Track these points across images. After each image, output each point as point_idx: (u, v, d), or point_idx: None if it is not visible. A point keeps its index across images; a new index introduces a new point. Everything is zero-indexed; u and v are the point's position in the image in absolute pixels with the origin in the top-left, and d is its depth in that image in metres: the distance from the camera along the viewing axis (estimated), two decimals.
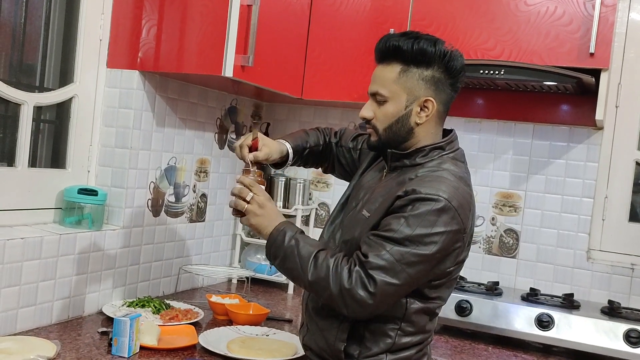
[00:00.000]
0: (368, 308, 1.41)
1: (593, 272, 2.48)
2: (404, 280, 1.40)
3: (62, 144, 2.13)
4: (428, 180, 1.46)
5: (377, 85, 1.54)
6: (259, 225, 1.56)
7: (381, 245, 1.41)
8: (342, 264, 1.43)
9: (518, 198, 2.59)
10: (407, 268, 1.40)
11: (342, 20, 2.48)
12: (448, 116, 2.67)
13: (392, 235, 1.40)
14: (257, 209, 1.56)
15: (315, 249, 1.48)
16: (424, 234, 1.39)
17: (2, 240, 1.73)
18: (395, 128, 1.53)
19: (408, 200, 1.42)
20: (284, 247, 1.50)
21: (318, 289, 1.46)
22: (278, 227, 1.53)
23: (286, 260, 1.50)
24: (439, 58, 1.49)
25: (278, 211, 1.59)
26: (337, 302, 1.43)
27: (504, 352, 2.14)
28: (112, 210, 2.17)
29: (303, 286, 1.52)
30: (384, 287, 1.39)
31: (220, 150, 2.66)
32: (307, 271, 1.45)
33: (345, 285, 1.40)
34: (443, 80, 1.52)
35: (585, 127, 2.50)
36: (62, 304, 1.95)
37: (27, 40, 2.02)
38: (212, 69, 2.04)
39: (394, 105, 1.52)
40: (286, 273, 1.55)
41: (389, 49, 1.52)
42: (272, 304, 2.44)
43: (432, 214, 1.40)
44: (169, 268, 2.43)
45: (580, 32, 2.18)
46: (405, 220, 1.40)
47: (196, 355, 1.79)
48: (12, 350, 1.59)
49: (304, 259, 1.47)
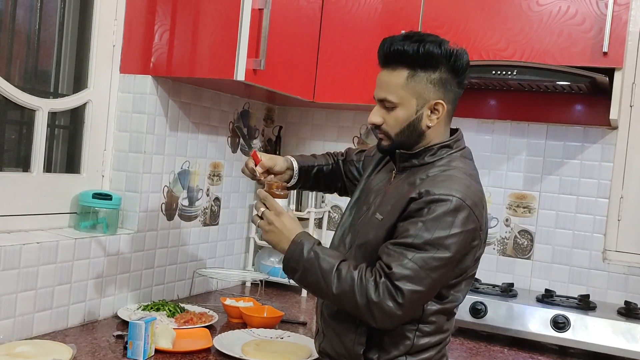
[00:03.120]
0: (397, 319, 1.41)
1: (609, 272, 2.46)
2: (428, 286, 1.40)
3: (77, 149, 2.15)
4: (440, 180, 1.45)
5: (384, 92, 1.52)
6: (271, 242, 1.55)
7: (403, 254, 1.39)
8: (367, 276, 1.41)
9: (532, 199, 2.58)
10: (431, 273, 1.39)
11: (354, 22, 2.48)
12: (461, 117, 2.70)
13: (412, 242, 1.39)
14: (266, 225, 1.54)
15: (336, 260, 1.46)
16: (443, 236, 1.39)
17: (19, 245, 1.75)
18: (407, 132, 1.52)
19: (423, 203, 1.41)
20: (302, 260, 1.47)
21: (343, 301, 1.44)
22: (295, 240, 1.50)
23: (307, 274, 1.47)
24: (446, 60, 1.48)
25: (292, 223, 1.54)
26: (364, 314, 1.42)
27: (520, 354, 2.12)
28: (127, 215, 2.19)
29: (327, 299, 1.50)
30: (410, 296, 1.38)
31: (233, 154, 2.66)
32: (331, 284, 1.43)
33: (372, 297, 1.39)
34: (450, 80, 1.51)
35: (599, 126, 2.48)
36: (78, 307, 1.97)
37: (42, 46, 2.04)
38: (224, 73, 2.05)
39: (405, 111, 1.51)
40: (307, 287, 1.53)
41: (394, 53, 1.50)
42: (286, 306, 2.44)
43: (449, 214, 1.39)
44: (183, 272, 2.44)
45: (593, 31, 2.16)
46: (423, 224, 1.39)
47: (211, 358, 1.79)
48: (29, 354, 1.60)
49: (325, 271, 1.44)
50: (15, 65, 1.97)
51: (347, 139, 2.87)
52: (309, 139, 2.96)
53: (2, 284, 1.71)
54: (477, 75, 2.28)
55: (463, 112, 2.68)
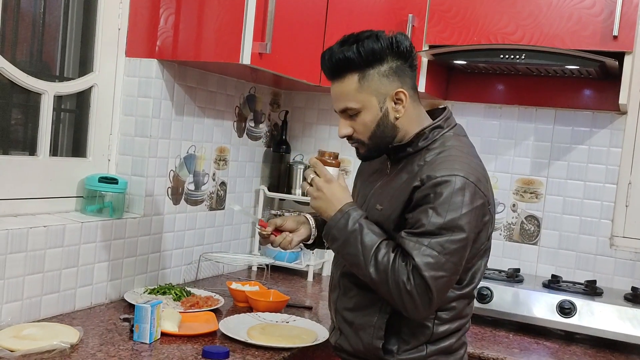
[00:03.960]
0: (426, 309, 1.40)
1: (616, 258, 2.45)
2: (451, 270, 1.39)
3: (83, 133, 2.15)
4: (439, 162, 1.44)
5: (342, 102, 1.50)
6: (318, 209, 1.53)
7: (419, 242, 1.38)
8: (400, 261, 1.39)
9: (539, 184, 2.56)
10: (451, 257, 1.38)
11: (360, 6, 2.46)
12: (468, 102, 2.68)
13: (425, 229, 1.38)
14: (314, 192, 1.53)
15: (379, 238, 1.44)
16: (455, 217, 1.37)
17: (25, 229, 1.76)
18: (379, 132, 1.51)
19: (428, 189, 1.40)
20: (346, 230, 1.46)
21: (377, 283, 1.42)
22: (342, 209, 1.48)
23: (348, 245, 1.46)
24: (389, 49, 1.47)
25: (342, 192, 1.52)
26: (395, 298, 1.40)
27: (526, 340, 2.13)
28: (133, 199, 2.19)
29: (361, 274, 1.46)
30: (435, 282, 1.37)
31: (239, 139, 2.66)
32: (368, 263, 1.42)
33: (405, 286, 1.37)
34: (401, 66, 1.49)
35: (608, 111, 2.46)
36: (85, 291, 1.98)
37: (47, 30, 2.04)
38: (230, 57, 2.03)
39: (369, 112, 1.49)
40: (344, 257, 1.50)
41: (337, 64, 1.48)
42: (292, 291, 2.44)
43: (456, 195, 1.38)
44: (189, 256, 2.45)
45: (604, 14, 2.14)
46: (433, 210, 1.38)
47: (217, 341, 1.80)
48: (37, 336, 1.62)
49: (367, 248, 1.43)
50: (21, 49, 1.97)
51: None
52: (316, 124, 2.95)
53: (10, 267, 1.72)
54: (484, 60, 2.26)
55: (470, 96, 2.67)
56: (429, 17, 2.37)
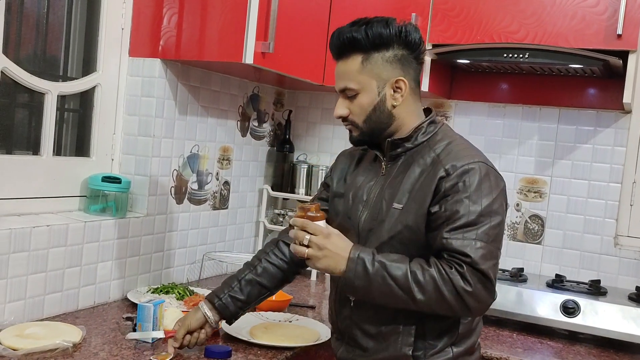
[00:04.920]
0: (491, 299, 1.40)
1: (620, 258, 2.44)
2: (498, 255, 1.43)
3: (86, 133, 2.16)
4: (457, 151, 1.46)
5: (343, 81, 1.50)
6: (328, 267, 1.44)
7: (466, 237, 1.37)
8: (447, 270, 1.37)
9: (543, 184, 2.56)
10: (496, 243, 1.41)
11: (364, 4, 2.46)
12: (471, 101, 2.67)
13: (466, 221, 1.38)
14: (318, 252, 1.43)
15: (405, 264, 1.40)
16: (490, 203, 1.40)
17: (29, 228, 1.76)
18: (374, 117, 1.50)
19: (456, 178, 1.40)
20: (369, 275, 1.40)
21: (430, 303, 1.38)
22: (352, 257, 1.41)
23: (379, 287, 1.40)
24: (396, 37, 1.47)
25: (342, 240, 1.46)
26: (456, 308, 1.38)
27: (529, 339, 2.12)
28: (136, 198, 2.19)
29: (406, 305, 1.41)
30: (494, 273, 1.39)
31: (243, 138, 2.66)
32: (411, 291, 1.37)
33: (465, 288, 1.35)
34: (406, 56, 1.49)
35: (612, 110, 2.45)
36: (88, 290, 1.98)
37: (50, 30, 2.04)
38: (233, 56, 2.03)
39: (367, 95, 1.49)
40: (379, 299, 1.43)
41: (344, 43, 1.48)
42: (295, 290, 2.44)
43: (485, 180, 1.41)
44: (192, 255, 2.45)
45: (607, 13, 2.13)
46: (468, 198, 1.39)
47: (219, 340, 1.80)
48: (40, 335, 1.62)
49: (400, 280, 1.38)
50: (24, 49, 1.97)
51: None
52: (319, 123, 2.95)
53: (13, 266, 1.72)
54: (488, 59, 2.26)
55: (474, 96, 2.66)
56: (432, 16, 2.36)
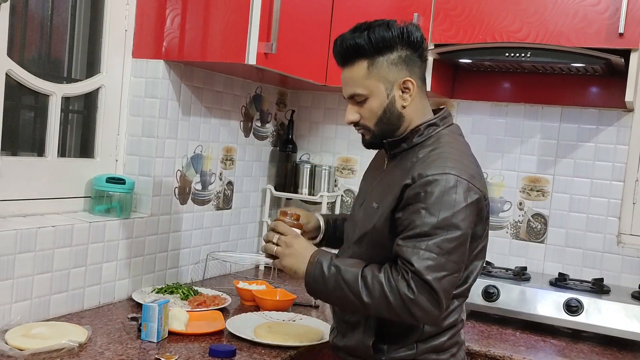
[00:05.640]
0: (437, 310, 1.38)
1: (623, 256, 2.44)
2: (452, 268, 1.38)
3: (90, 134, 2.17)
4: (431, 160, 1.44)
5: (351, 87, 1.53)
6: (291, 266, 1.51)
7: (416, 246, 1.37)
8: (394, 276, 1.38)
9: (546, 182, 2.56)
10: (450, 256, 1.37)
11: (366, 4, 2.47)
12: (474, 100, 2.68)
13: (420, 231, 1.37)
14: (285, 249, 1.52)
15: (358, 268, 1.43)
16: (448, 216, 1.37)
17: (34, 229, 1.77)
18: (385, 119, 1.52)
19: (418, 187, 1.40)
20: (325, 278, 1.45)
21: (378, 307, 1.41)
22: (312, 261, 1.48)
23: (333, 291, 1.45)
24: (399, 38, 1.48)
25: (308, 245, 1.54)
26: (403, 314, 1.39)
27: (532, 337, 2.12)
28: (140, 199, 2.20)
29: (359, 310, 1.46)
30: (439, 284, 1.36)
31: (246, 138, 2.67)
32: (360, 295, 1.40)
33: (407, 295, 1.36)
34: (410, 56, 1.51)
35: (614, 109, 2.45)
36: (93, 290, 1.99)
37: (55, 32, 2.05)
38: (236, 57, 2.04)
39: (376, 99, 1.51)
40: (335, 302, 1.51)
41: (347, 50, 1.50)
42: (298, 290, 2.45)
43: (448, 193, 1.37)
44: (196, 255, 2.46)
45: (609, 11, 2.13)
46: (426, 210, 1.37)
47: (224, 340, 1.81)
48: (46, 335, 1.63)
49: (351, 284, 1.41)
50: (28, 51, 1.98)
51: None
52: (322, 123, 2.96)
53: (19, 266, 1.74)
54: (490, 58, 2.27)
55: (476, 95, 2.67)
56: (434, 16, 2.37)
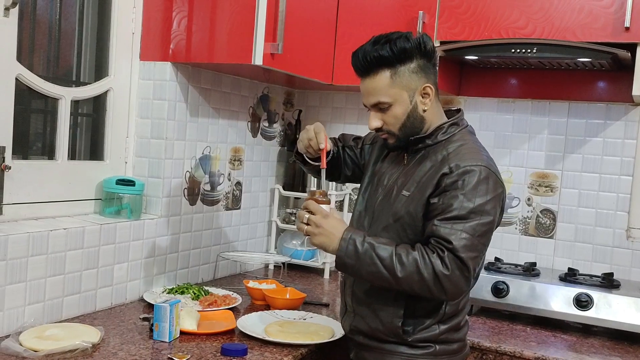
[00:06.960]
0: (466, 286, 1.54)
1: (633, 250, 2.44)
2: (481, 250, 1.54)
3: (100, 137, 2.19)
4: (464, 153, 1.58)
5: (375, 97, 1.62)
6: (322, 244, 1.60)
7: (454, 228, 1.50)
8: (429, 254, 1.50)
9: (554, 178, 2.56)
10: (481, 239, 1.52)
11: (372, 3, 2.47)
12: (481, 97, 2.68)
13: (457, 214, 1.51)
14: (315, 229, 1.60)
15: (392, 246, 1.54)
16: (483, 202, 1.52)
17: (46, 231, 1.79)
18: (409, 123, 1.63)
19: (456, 176, 1.53)
20: (358, 253, 1.54)
21: (410, 282, 1.51)
22: (345, 237, 1.57)
23: (367, 266, 1.54)
24: (417, 49, 1.60)
25: (339, 223, 1.61)
26: (433, 290, 1.51)
27: (543, 333, 2.12)
28: (150, 200, 2.22)
29: (390, 285, 1.55)
30: (473, 263, 1.51)
31: (254, 139, 2.68)
32: (394, 270, 1.51)
33: (442, 271, 1.49)
34: (426, 64, 1.62)
35: (622, 103, 2.45)
36: (105, 291, 2.01)
37: (63, 36, 2.07)
38: (242, 58, 2.06)
39: (400, 106, 1.61)
40: (365, 277, 1.58)
41: (371, 62, 1.60)
42: (308, 288, 2.46)
43: (482, 183, 1.53)
44: (207, 255, 2.48)
45: (615, 6, 2.13)
46: (464, 196, 1.51)
47: (235, 339, 1.82)
48: (59, 337, 1.65)
49: (385, 259, 1.52)
50: (38, 56, 2.00)
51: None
52: (330, 122, 2.96)
53: (32, 269, 1.76)
54: (496, 54, 2.27)
55: (483, 91, 2.67)
56: (439, 14, 2.37)
